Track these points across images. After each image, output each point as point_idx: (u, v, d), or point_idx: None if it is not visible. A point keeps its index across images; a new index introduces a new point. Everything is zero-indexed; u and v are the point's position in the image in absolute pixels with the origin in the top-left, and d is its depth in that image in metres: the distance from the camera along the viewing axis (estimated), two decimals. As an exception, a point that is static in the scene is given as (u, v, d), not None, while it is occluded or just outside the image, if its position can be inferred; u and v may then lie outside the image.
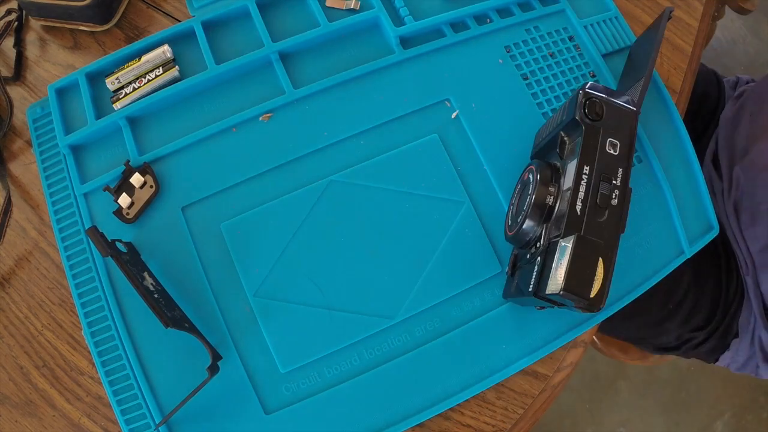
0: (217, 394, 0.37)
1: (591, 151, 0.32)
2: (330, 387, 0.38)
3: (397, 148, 0.42)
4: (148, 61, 0.43)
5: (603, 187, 0.31)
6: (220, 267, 0.39)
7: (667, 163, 0.44)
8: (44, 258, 0.43)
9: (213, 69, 0.42)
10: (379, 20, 0.44)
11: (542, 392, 0.41)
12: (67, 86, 0.43)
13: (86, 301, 0.39)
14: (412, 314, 0.39)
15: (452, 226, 0.41)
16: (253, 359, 0.38)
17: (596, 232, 0.31)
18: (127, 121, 0.42)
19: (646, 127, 0.44)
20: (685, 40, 0.50)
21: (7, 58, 0.48)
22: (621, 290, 0.41)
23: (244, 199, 0.40)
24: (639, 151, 0.43)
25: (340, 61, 0.44)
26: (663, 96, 0.45)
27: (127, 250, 0.38)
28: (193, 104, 0.42)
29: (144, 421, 0.37)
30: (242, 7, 0.44)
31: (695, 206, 0.43)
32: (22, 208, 0.44)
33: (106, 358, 0.38)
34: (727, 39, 1.38)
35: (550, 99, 0.44)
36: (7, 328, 0.42)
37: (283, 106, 0.42)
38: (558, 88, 0.44)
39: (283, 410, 0.38)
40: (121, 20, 0.48)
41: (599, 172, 0.32)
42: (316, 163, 0.41)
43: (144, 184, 0.40)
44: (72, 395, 0.40)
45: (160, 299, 0.36)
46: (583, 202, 0.31)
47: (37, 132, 0.43)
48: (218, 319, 0.39)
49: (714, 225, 0.43)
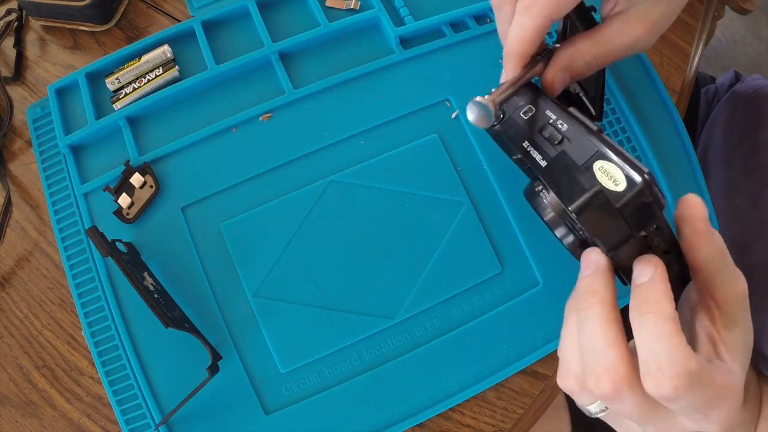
0: (217, 394, 0.37)
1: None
2: (330, 387, 0.38)
3: (397, 148, 0.42)
4: (148, 61, 0.43)
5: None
6: (220, 267, 0.39)
7: (667, 162, 0.44)
8: (44, 258, 0.43)
9: (213, 69, 0.42)
10: (379, 20, 0.44)
11: (542, 392, 0.41)
12: (67, 86, 0.43)
13: (86, 301, 0.39)
14: (412, 314, 0.39)
15: (452, 226, 0.41)
16: (253, 359, 0.38)
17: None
18: (127, 121, 0.42)
19: (646, 127, 0.44)
20: (685, 40, 0.50)
21: (7, 58, 0.48)
22: (621, 290, 0.41)
23: (244, 199, 0.40)
24: (639, 151, 0.43)
25: (340, 61, 0.44)
26: (663, 96, 0.45)
27: (127, 250, 0.38)
28: (193, 104, 0.42)
29: (144, 421, 0.37)
30: (242, 7, 0.44)
31: (695, 206, 0.43)
32: (22, 208, 0.44)
33: (106, 358, 0.38)
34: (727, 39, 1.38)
35: (550, 99, 0.44)
36: (7, 328, 0.42)
37: (283, 106, 0.42)
38: (558, 88, 0.44)
39: (283, 410, 0.38)
40: (121, 20, 0.48)
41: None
42: (316, 163, 0.41)
43: (144, 184, 0.40)
44: (72, 395, 0.40)
45: (160, 299, 0.36)
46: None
47: (37, 132, 0.43)
48: (218, 319, 0.39)
49: (714, 225, 0.43)
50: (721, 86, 0.68)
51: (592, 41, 0.33)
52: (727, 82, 0.67)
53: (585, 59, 0.33)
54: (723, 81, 0.68)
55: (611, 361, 0.27)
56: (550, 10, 0.30)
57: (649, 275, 0.27)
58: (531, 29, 0.31)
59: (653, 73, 0.45)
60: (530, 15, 0.31)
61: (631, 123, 0.44)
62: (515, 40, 0.32)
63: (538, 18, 0.31)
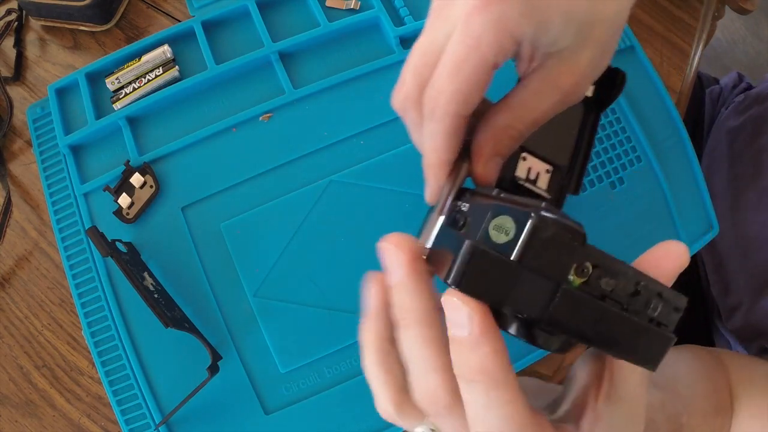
0: (217, 395, 0.37)
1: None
2: (330, 387, 0.38)
3: (397, 148, 0.42)
4: (148, 61, 0.43)
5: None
6: (220, 267, 0.39)
7: (667, 163, 0.44)
8: (44, 258, 0.43)
9: (213, 69, 0.42)
10: (379, 20, 0.44)
11: (542, 392, 0.41)
12: (67, 86, 0.43)
13: (86, 301, 0.39)
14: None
15: (452, 226, 0.41)
16: (253, 359, 0.38)
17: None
18: (127, 121, 0.42)
19: (646, 127, 0.44)
20: (685, 40, 0.50)
21: (7, 58, 0.48)
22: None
23: (244, 199, 0.40)
24: (639, 151, 0.43)
25: (340, 61, 0.44)
26: (663, 96, 0.45)
27: (127, 250, 0.38)
28: (193, 104, 0.42)
29: (144, 421, 0.37)
30: (242, 7, 0.44)
31: (695, 206, 0.43)
32: (22, 208, 0.44)
33: (106, 358, 0.38)
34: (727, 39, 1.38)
35: (550, 99, 0.44)
36: (7, 328, 0.42)
37: (283, 106, 0.42)
38: (558, 88, 0.44)
39: (283, 410, 0.38)
40: (121, 20, 0.48)
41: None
42: (316, 163, 0.41)
43: (144, 184, 0.40)
44: (72, 395, 0.40)
45: (160, 299, 0.36)
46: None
47: (37, 132, 0.43)
48: (218, 319, 0.39)
49: (714, 225, 0.43)
50: (725, 87, 0.68)
51: (513, 113, 0.28)
52: (731, 83, 0.67)
53: (511, 135, 0.28)
54: (727, 82, 0.68)
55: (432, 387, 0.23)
56: (457, 107, 0.26)
57: (467, 330, 0.21)
58: (442, 135, 0.27)
59: (653, 73, 0.45)
60: (436, 120, 0.26)
61: (632, 123, 0.44)
62: (429, 151, 0.28)
63: (446, 120, 0.26)
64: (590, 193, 0.42)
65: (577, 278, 0.21)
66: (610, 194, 0.42)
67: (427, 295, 0.24)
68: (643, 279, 0.23)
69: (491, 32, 0.25)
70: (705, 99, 0.67)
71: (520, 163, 0.31)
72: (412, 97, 0.28)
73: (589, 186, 0.42)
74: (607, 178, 0.42)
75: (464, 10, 0.25)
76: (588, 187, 0.42)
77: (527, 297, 0.21)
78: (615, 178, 0.43)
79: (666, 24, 0.50)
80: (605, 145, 0.43)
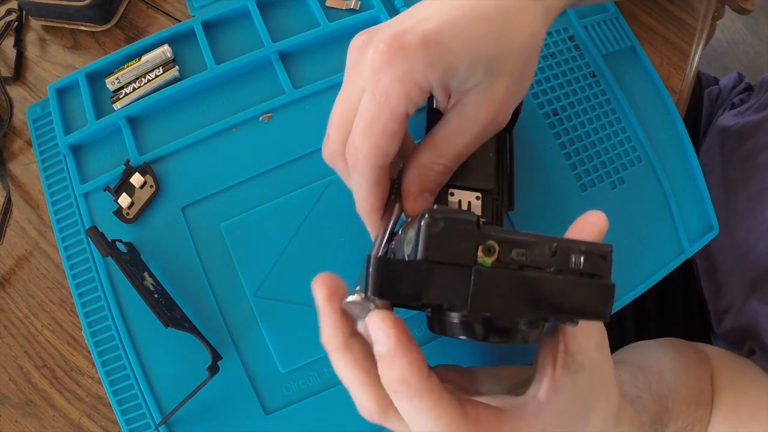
0: (217, 394, 0.37)
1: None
2: (330, 387, 0.38)
3: (397, 148, 0.42)
4: (148, 61, 0.43)
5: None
6: (220, 267, 0.39)
7: (667, 162, 0.44)
8: (44, 258, 0.43)
9: (213, 69, 0.42)
10: (379, 20, 0.44)
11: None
12: (67, 86, 0.43)
13: (86, 301, 0.39)
14: (412, 314, 0.39)
15: (452, 226, 0.41)
16: (253, 359, 0.38)
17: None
18: (127, 121, 0.42)
19: (646, 127, 0.44)
20: (685, 40, 0.50)
21: (7, 58, 0.48)
22: (621, 289, 0.41)
23: (244, 199, 0.40)
24: (639, 151, 0.43)
25: (340, 61, 0.43)
26: (663, 96, 0.45)
27: (127, 250, 0.38)
28: (193, 104, 0.42)
29: (144, 421, 0.37)
30: (242, 7, 0.44)
31: (695, 206, 0.43)
32: (22, 208, 0.44)
33: (106, 358, 0.38)
34: (727, 39, 1.38)
35: (550, 99, 0.44)
36: (7, 328, 0.42)
37: (283, 106, 0.42)
38: (558, 88, 0.44)
39: (283, 410, 0.38)
40: (121, 20, 0.48)
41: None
42: (316, 163, 0.41)
43: (144, 184, 0.40)
44: (72, 395, 0.40)
45: (160, 299, 0.36)
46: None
47: (37, 132, 0.43)
48: (218, 319, 0.39)
49: (714, 225, 0.43)
50: (724, 87, 0.68)
51: (437, 150, 0.29)
52: (730, 83, 0.67)
53: (438, 171, 0.29)
54: (726, 82, 0.68)
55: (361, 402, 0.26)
56: (375, 160, 0.27)
57: (386, 346, 0.24)
58: (366, 184, 0.29)
59: (653, 73, 0.45)
60: (359, 172, 0.28)
61: (632, 123, 0.44)
62: (358, 199, 0.30)
63: (367, 172, 0.28)
64: (590, 193, 0.42)
65: (486, 258, 0.23)
66: (610, 194, 0.42)
67: (339, 325, 0.27)
68: (555, 241, 0.23)
69: (398, 87, 0.26)
70: (704, 99, 0.68)
71: (450, 199, 0.32)
72: (337, 150, 0.30)
73: (589, 186, 0.42)
74: (607, 178, 0.42)
75: (371, 66, 0.27)
76: (588, 187, 0.42)
77: (447, 288, 0.22)
78: (615, 178, 0.43)
79: (666, 24, 0.50)
80: (605, 145, 0.43)
